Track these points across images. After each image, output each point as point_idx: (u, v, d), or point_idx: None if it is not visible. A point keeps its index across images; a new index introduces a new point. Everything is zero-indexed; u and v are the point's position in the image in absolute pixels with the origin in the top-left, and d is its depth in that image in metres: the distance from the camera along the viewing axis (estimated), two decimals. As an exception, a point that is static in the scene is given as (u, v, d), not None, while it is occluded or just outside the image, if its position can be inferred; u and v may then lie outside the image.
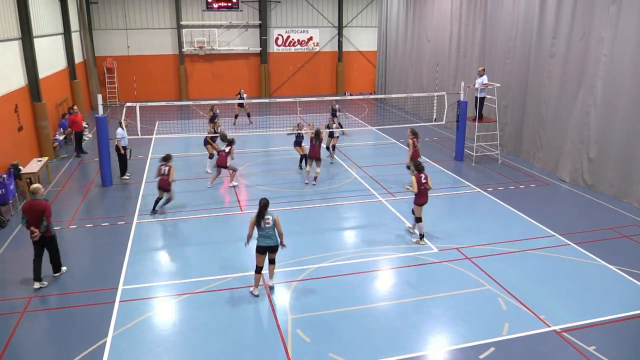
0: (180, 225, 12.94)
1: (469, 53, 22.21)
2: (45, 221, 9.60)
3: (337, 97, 28.56)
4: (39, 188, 9.76)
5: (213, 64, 32.96)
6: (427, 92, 24.84)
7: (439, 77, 24.95)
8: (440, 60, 24.81)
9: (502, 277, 10.12)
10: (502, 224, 12.85)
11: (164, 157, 13.89)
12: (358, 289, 9.82)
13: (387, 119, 26.39)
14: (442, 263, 10.77)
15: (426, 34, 26.24)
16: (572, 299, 9.42)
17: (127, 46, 31.38)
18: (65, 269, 10.58)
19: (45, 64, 20.62)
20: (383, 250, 11.45)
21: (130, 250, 11.48)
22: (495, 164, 18.20)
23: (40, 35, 20.63)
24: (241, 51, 33.13)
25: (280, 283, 9.97)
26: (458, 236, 12.10)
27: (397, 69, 30.03)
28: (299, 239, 11.99)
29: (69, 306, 9.32)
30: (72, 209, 14.08)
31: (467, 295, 9.52)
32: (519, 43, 18.58)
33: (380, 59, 32.49)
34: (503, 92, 19.25)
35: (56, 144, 19.61)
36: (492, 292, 9.61)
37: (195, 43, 32.06)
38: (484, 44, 20.96)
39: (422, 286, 9.89)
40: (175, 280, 10.19)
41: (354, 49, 35.29)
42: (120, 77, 31.51)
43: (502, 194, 15.06)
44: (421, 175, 11.56)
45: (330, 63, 35.11)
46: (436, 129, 23.34)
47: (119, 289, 9.81)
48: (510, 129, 19.32)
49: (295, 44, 34.23)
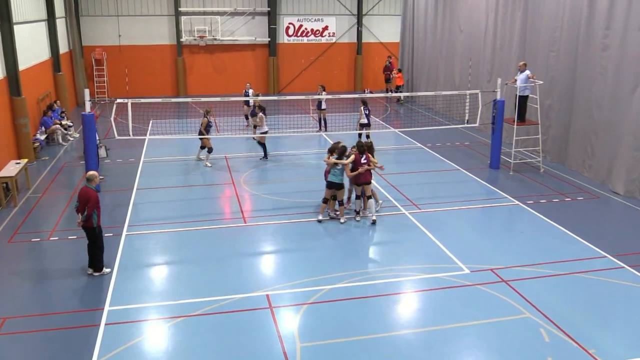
0: (175, 238, 12.98)
1: (507, 45, 22.12)
2: (87, 211, 10.63)
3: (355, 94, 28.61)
4: (94, 175, 11.02)
5: (215, 56, 33.20)
6: (458, 90, 24.76)
7: (472, 73, 24.87)
8: (474, 54, 24.74)
9: (544, 304, 10.00)
10: (545, 242, 12.73)
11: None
12: (377, 314, 9.76)
13: (413, 120, 26.35)
14: (475, 286, 10.68)
15: (458, 23, 26.20)
16: (626, 331, 9.28)
17: (118, 35, 31.71)
18: (108, 271, 11.17)
19: (26, 54, 20.89)
20: (406, 270, 11.38)
21: (118, 265, 11.53)
22: (537, 173, 18.07)
23: (21, 21, 20.93)
24: (247, 42, 33.33)
25: (288, 306, 9.96)
26: (493, 255, 12.00)
27: (424, 63, 29.99)
28: (311, 255, 11.97)
29: (48, 329, 9.37)
30: (53, 218, 14.21)
31: (504, 324, 9.41)
32: (566, 33, 18.46)
33: (404, 51, 32.48)
34: (547, 90, 19.13)
35: (37, 144, 19.83)
36: (532, 321, 9.50)
37: (195, 32, 32.32)
38: (524, 35, 20.87)
39: (451, 312, 9.81)
40: (168, 301, 10.20)
41: (375, 40, 35.36)
42: (110, 69, 31.82)
43: (545, 207, 14.93)
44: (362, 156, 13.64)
45: (347, 56, 35.19)
46: (468, 132, 23.25)
47: (105, 309, 9.84)
48: (555, 132, 19.17)
49: (309, 34, 34.37)
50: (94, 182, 10.95)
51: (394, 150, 21.07)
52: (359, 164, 13.63)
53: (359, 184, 13.82)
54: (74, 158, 19.73)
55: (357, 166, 13.65)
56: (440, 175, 17.70)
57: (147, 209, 14.85)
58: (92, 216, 10.78)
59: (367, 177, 13.79)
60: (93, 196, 10.75)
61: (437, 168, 18.49)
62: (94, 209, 10.76)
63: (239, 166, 18.60)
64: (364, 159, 13.66)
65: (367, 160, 13.69)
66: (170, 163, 19.18)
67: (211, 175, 17.76)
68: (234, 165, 18.71)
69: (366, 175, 13.76)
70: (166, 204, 15.27)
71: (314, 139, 22.31)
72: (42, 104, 22.67)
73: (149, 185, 16.70)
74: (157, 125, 23.21)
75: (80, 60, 29.68)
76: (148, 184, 16.80)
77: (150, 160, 19.39)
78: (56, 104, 23.37)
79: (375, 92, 32.33)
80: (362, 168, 13.59)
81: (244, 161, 19.21)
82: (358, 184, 13.84)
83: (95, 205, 10.77)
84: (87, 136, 15.42)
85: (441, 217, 14.20)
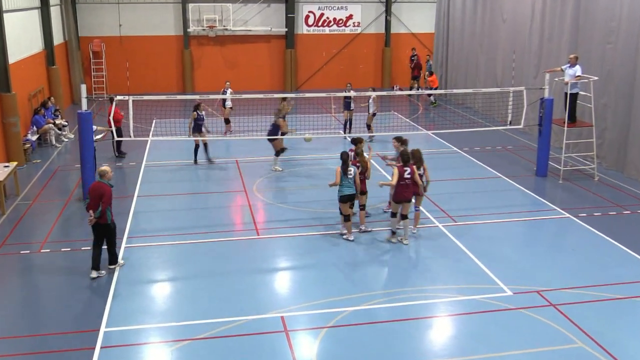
0: (180, 252, 13.06)
1: (556, 36, 21.97)
2: (102, 207, 11.31)
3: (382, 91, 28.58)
4: (106, 171, 11.74)
5: (226, 49, 33.44)
6: (500, 87, 24.63)
7: (516, 68, 24.73)
8: (519, 46, 24.60)
9: (598, 332, 9.87)
10: (600, 261, 12.59)
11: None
12: (406, 340, 9.71)
13: (448, 120, 26.25)
14: (518, 310, 10.59)
15: (501, 12, 26.10)
16: (694, 364, 9.12)
17: (118, 25, 32.09)
18: (122, 263, 12.12)
19: (16, 46, 21.23)
20: (439, 290, 11.31)
21: (116, 281, 11.60)
22: (591, 181, 17.89)
23: (11, 9, 21.26)
24: (262, 32, 33.53)
25: (305, 330, 9.94)
26: (539, 275, 11.89)
27: (461, 56, 29.90)
28: (331, 273, 11.96)
29: (37, 352, 9.44)
30: (45, 228, 14.37)
31: (552, 354, 9.31)
32: (625, 22, 18.30)
33: (438, 43, 32.38)
34: (602, 87, 18.95)
35: (28, 145, 20.08)
36: (585, 351, 9.39)
37: (204, 22, 32.61)
38: (576, 24, 20.72)
39: (491, 340, 9.72)
40: (172, 322, 10.24)
41: (406, 31, 35.34)
42: (109, 63, 32.18)
43: (600, 221, 14.77)
44: (405, 168, 12.94)
45: (374, 48, 35.22)
46: (511, 135, 23.10)
47: (101, 331, 9.89)
48: (612, 135, 18.98)
49: (331, 23, 34.47)
50: (107, 177, 11.72)
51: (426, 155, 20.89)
52: (401, 179, 12.91)
53: (399, 202, 13.14)
54: (69, 161, 19.97)
55: (400, 180, 12.94)
56: (479, 184, 17.59)
57: (149, 219, 14.96)
58: (106, 212, 11.51)
59: (409, 193, 13.03)
60: (107, 191, 11.54)
61: (476, 175, 18.38)
62: (109, 204, 11.53)
63: (252, 171, 18.67)
64: (407, 173, 12.98)
65: (412, 174, 13.01)
66: (175, 168, 19.33)
67: (221, 182, 17.86)
68: (246, 171, 18.79)
69: (409, 190, 13.01)
70: (170, 213, 15.37)
71: (337, 142, 22.30)
72: (33, 101, 22.99)
73: (152, 192, 16.84)
74: (160, 125, 23.37)
75: (76, 52, 30.06)
76: (150, 191, 16.94)
77: (152, 165, 19.56)
78: (49, 101, 23.66)
79: (405, 89, 32.25)
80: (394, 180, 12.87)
81: (258, 166, 19.27)
82: (398, 201, 13.16)
83: (109, 201, 11.57)
84: (83, 137, 15.59)
85: (480, 231, 14.11)
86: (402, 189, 12.93)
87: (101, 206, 11.37)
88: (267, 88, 32.39)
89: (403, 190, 12.93)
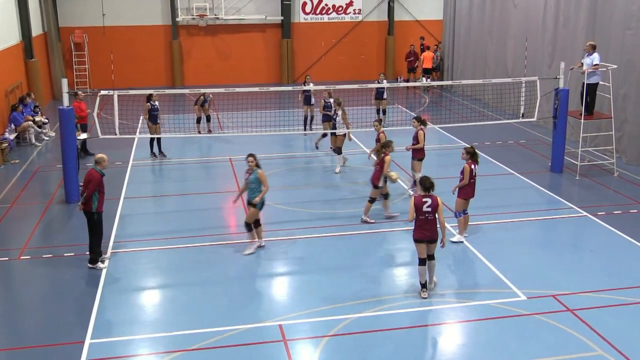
0: (170, 257, 13.06)
1: (571, 22, 21.97)
2: (86, 192, 11.78)
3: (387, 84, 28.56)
4: (103, 159, 12.16)
5: (218, 39, 33.45)
6: (511, 77, 24.64)
7: (529, 57, 24.74)
8: (532, 33, 24.61)
9: (620, 339, 9.87)
10: (620, 263, 12.59)
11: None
12: (413, 349, 9.71)
13: (455, 113, 26.24)
14: (534, 316, 10.59)
15: (512, -4, 26.14)
16: None
17: (102, 14, 32.10)
18: (103, 266, 12.22)
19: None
20: (449, 295, 11.34)
21: (102, 289, 11.59)
22: (610, 177, 17.90)
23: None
24: (256, 21, 33.54)
25: (305, 339, 9.95)
26: (556, 279, 11.90)
27: (469, 45, 29.93)
28: (334, 277, 11.97)
29: (19, 365, 9.48)
30: (24, 233, 14.35)
31: (570, 363, 9.33)
32: (645, 7, 18.32)
33: (446, 31, 32.38)
34: (622, 77, 18.96)
35: (5, 144, 20.09)
36: None
37: (193, 10, 32.59)
38: (594, 9, 20.71)
39: (504, 347, 9.73)
40: (162, 332, 10.24)
41: (411, 18, 35.32)
42: (92, 55, 32.21)
43: (620, 220, 14.78)
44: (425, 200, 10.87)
45: (376, 37, 35.22)
46: (524, 128, 23.12)
47: (86, 342, 9.89)
48: (633, 128, 19.00)
49: (330, 11, 34.47)
50: (101, 166, 12.11)
51: (433, 151, 20.99)
52: (420, 213, 10.84)
53: (420, 241, 10.97)
54: (50, 161, 19.96)
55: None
56: (489, 181, 17.57)
57: (137, 222, 14.98)
58: (91, 199, 11.87)
59: (432, 233, 10.95)
60: (95, 177, 11.88)
61: (486, 172, 18.33)
62: (95, 191, 11.85)
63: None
64: (427, 206, 10.87)
65: (433, 207, 10.86)
66: (164, 167, 19.35)
67: (213, 182, 17.87)
68: (241, 170, 18.75)
69: (430, 226, 10.90)
70: (159, 216, 15.40)
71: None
72: (11, 97, 23.00)
73: (139, 194, 16.85)
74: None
75: (56, 44, 30.05)
76: (138, 192, 16.94)
77: (140, 164, 19.58)
78: (28, 97, 23.67)
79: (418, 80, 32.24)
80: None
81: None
82: (419, 240, 10.98)
83: (96, 188, 11.86)
84: (65, 135, 15.60)
85: (491, 232, 14.14)
86: (421, 224, 10.90)
87: (86, 192, 11.79)
88: (262, 81, 32.41)
89: (422, 225, 10.89)
